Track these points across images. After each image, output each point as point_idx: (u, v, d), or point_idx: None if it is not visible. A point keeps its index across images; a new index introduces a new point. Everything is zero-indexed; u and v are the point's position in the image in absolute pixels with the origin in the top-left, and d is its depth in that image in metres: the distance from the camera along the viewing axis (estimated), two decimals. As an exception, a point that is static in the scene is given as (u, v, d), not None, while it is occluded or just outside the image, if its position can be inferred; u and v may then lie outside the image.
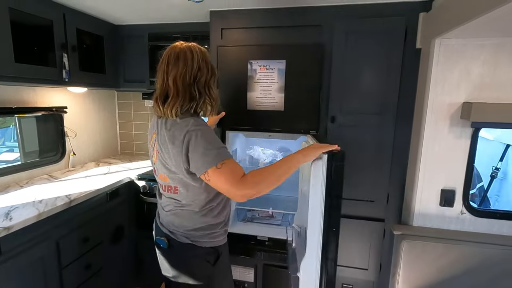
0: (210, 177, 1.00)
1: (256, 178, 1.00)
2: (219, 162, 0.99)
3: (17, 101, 1.86)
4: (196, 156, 1.00)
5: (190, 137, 1.01)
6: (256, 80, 1.77)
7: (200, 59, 1.08)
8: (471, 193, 1.97)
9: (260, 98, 1.78)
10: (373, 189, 1.75)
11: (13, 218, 1.34)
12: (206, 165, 1.00)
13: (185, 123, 1.04)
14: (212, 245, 1.18)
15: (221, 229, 1.22)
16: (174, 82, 1.05)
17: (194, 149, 1.00)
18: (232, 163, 1.02)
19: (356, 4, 1.62)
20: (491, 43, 1.37)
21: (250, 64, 1.76)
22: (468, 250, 1.46)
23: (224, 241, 1.26)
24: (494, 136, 3.28)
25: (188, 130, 1.01)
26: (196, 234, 1.16)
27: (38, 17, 1.65)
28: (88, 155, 2.47)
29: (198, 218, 1.15)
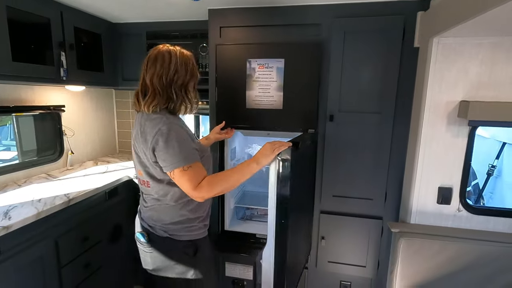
0: (175, 176, 1.09)
1: (211, 185, 1.10)
2: (187, 165, 1.07)
3: (15, 99, 1.85)
4: (165, 154, 1.07)
5: (161, 135, 1.06)
6: (254, 78, 1.77)
7: (178, 62, 1.13)
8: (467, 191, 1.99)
9: (259, 96, 1.79)
10: (371, 187, 1.77)
11: (12, 217, 1.33)
12: (174, 164, 1.06)
13: (159, 120, 1.09)
14: (190, 238, 1.22)
15: (199, 223, 1.25)
16: (151, 82, 1.12)
17: (164, 147, 1.06)
18: (197, 167, 1.10)
19: (355, 3, 1.62)
20: (489, 42, 1.38)
21: (248, 63, 1.76)
22: (464, 247, 1.48)
23: (204, 235, 1.28)
24: (490, 134, 3.31)
25: (160, 128, 1.07)
26: (174, 227, 1.20)
27: (36, 15, 1.63)
28: (86, 154, 2.46)
29: (175, 212, 1.19)
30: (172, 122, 1.09)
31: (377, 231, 1.81)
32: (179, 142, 1.07)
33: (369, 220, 1.81)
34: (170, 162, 1.07)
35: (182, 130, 1.11)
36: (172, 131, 1.07)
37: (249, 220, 2.16)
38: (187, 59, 1.17)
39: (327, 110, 1.74)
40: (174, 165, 1.07)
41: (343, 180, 1.80)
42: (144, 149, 1.11)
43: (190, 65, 1.17)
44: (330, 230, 1.87)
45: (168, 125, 1.07)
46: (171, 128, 1.07)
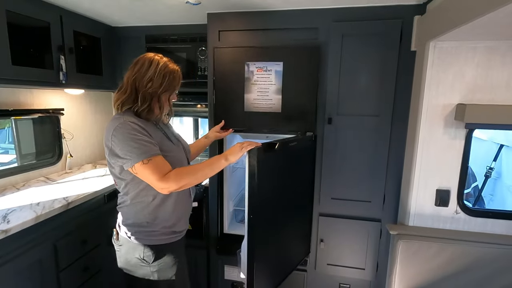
0: (137, 171, 1.10)
1: (179, 176, 1.12)
2: (146, 158, 1.08)
3: (14, 103, 1.85)
4: (122, 151, 1.09)
5: (116, 133, 1.09)
6: (253, 81, 1.78)
7: (156, 72, 1.16)
8: (466, 193, 2.00)
9: (258, 99, 1.79)
10: (370, 190, 1.77)
11: (10, 221, 1.33)
12: (132, 160, 1.08)
13: (116, 120, 1.12)
14: (148, 243, 1.21)
15: (163, 229, 1.22)
16: (127, 81, 1.17)
17: (120, 145, 1.09)
18: (159, 160, 1.11)
19: (352, 7, 1.64)
20: (484, 46, 1.40)
21: (247, 66, 1.77)
22: (463, 249, 1.49)
23: (168, 241, 1.25)
24: (488, 136, 3.33)
25: (115, 127, 1.09)
26: (134, 229, 1.21)
27: (35, 19, 1.64)
28: (85, 157, 2.46)
29: (134, 213, 1.20)
30: (127, 121, 1.10)
31: (376, 234, 1.81)
32: (134, 138, 1.09)
33: (367, 223, 1.81)
34: (128, 158, 1.08)
35: (138, 128, 1.11)
36: (125, 129, 1.09)
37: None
38: (168, 72, 1.18)
39: (325, 113, 1.75)
40: (133, 160, 1.08)
41: (342, 183, 1.80)
42: (105, 147, 1.14)
43: (169, 78, 1.18)
44: (329, 232, 1.87)
45: (122, 124, 1.09)
46: (125, 126, 1.09)
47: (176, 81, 1.22)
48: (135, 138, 1.09)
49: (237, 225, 2.14)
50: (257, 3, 1.65)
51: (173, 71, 1.20)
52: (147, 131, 1.13)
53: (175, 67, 1.22)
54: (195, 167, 1.18)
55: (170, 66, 1.20)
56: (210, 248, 2.05)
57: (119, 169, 1.15)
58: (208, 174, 1.20)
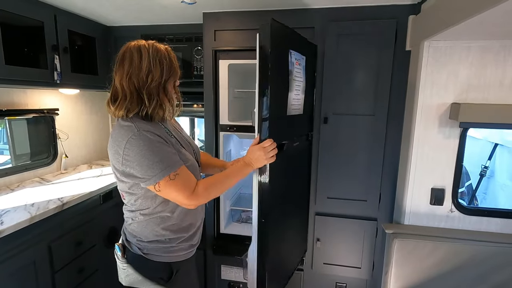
0: (161, 188, 0.96)
1: (208, 189, 1.02)
2: (173, 173, 0.95)
3: (8, 103, 1.84)
4: (141, 167, 0.93)
5: (131, 146, 0.93)
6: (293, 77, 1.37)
7: (151, 60, 0.97)
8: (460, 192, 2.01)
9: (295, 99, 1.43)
10: (366, 189, 1.78)
11: (4, 222, 1.32)
12: (156, 176, 0.94)
13: (128, 129, 0.95)
14: (166, 260, 1.09)
15: (180, 243, 1.11)
16: (121, 84, 0.98)
17: (138, 160, 0.93)
18: (185, 173, 0.99)
19: (348, 6, 1.65)
20: (478, 46, 1.41)
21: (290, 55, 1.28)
22: (457, 247, 1.50)
23: (185, 257, 1.14)
24: (483, 135, 3.36)
25: (129, 139, 0.93)
26: (149, 246, 1.07)
27: (29, 19, 1.63)
28: (81, 157, 2.44)
29: (151, 229, 1.06)
30: (142, 130, 0.95)
31: (372, 233, 1.82)
32: (154, 150, 0.94)
33: (363, 222, 1.82)
34: (150, 175, 0.93)
35: (156, 137, 0.96)
36: (142, 140, 0.93)
37: (245, 222, 2.16)
38: (162, 55, 1.00)
39: (321, 113, 1.75)
40: (157, 177, 0.93)
41: (338, 182, 1.81)
42: (114, 161, 0.98)
43: (166, 62, 1.00)
44: (325, 232, 1.88)
45: (137, 135, 0.93)
46: (141, 137, 0.93)
47: (174, 62, 1.05)
48: (155, 150, 0.94)
49: (234, 225, 2.14)
50: (252, 2, 1.65)
51: (167, 52, 1.03)
52: (164, 139, 0.99)
53: (164, 46, 1.04)
54: (222, 178, 1.08)
55: (160, 47, 1.02)
56: (207, 248, 2.05)
57: (130, 184, 1.01)
58: (233, 184, 1.11)
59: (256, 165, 1.12)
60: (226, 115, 1.88)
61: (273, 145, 1.13)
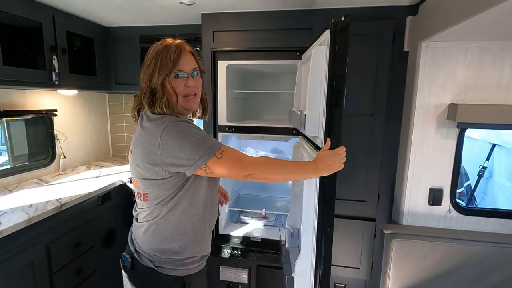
0: (212, 168, 0.93)
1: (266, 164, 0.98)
2: (218, 151, 0.92)
3: (6, 104, 1.83)
4: (183, 152, 0.90)
5: (168, 133, 0.90)
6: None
7: (152, 56, 0.97)
8: (459, 192, 2.01)
9: None
10: (364, 189, 1.78)
11: (2, 223, 1.32)
12: (204, 157, 0.90)
13: (164, 119, 0.94)
14: (178, 274, 1.03)
15: (196, 254, 1.06)
16: (144, 82, 1.00)
17: (179, 145, 0.90)
18: (229, 148, 0.96)
19: (346, 7, 1.65)
20: (475, 47, 1.42)
21: None
22: (456, 247, 1.50)
23: (198, 269, 1.09)
24: (481, 135, 3.37)
25: (165, 128, 0.91)
26: (162, 259, 1.01)
27: (27, 19, 1.63)
28: (79, 158, 2.44)
29: (169, 238, 1.01)
30: (177, 120, 0.95)
31: (371, 233, 1.82)
32: (193, 133, 0.92)
33: (362, 222, 1.82)
34: (196, 157, 0.90)
35: (191, 124, 0.95)
36: (179, 126, 0.92)
37: (244, 223, 2.16)
38: (157, 51, 0.97)
39: (319, 113, 1.75)
40: (203, 158, 0.90)
41: (336, 183, 1.81)
42: (147, 156, 0.93)
43: (160, 58, 0.96)
44: (324, 232, 1.87)
45: (171, 124, 0.92)
46: (176, 124, 0.92)
47: (170, 54, 0.95)
48: (195, 133, 0.92)
49: (233, 225, 2.14)
50: (251, 3, 1.65)
51: (163, 48, 0.97)
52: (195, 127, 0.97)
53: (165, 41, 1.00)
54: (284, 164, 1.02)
55: (160, 44, 0.99)
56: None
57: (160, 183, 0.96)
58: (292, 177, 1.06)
59: (326, 172, 1.04)
60: (225, 115, 1.88)
61: (345, 153, 1.07)
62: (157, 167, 0.93)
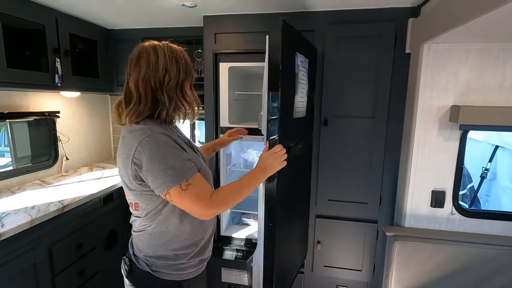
0: (173, 198, 0.90)
1: (226, 198, 0.97)
2: (183, 182, 0.88)
3: (9, 106, 1.84)
4: (152, 172, 0.88)
5: (144, 149, 0.87)
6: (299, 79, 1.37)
7: (168, 60, 0.93)
8: (462, 194, 2.00)
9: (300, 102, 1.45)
10: (366, 191, 1.78)
11: (4, 225, 1.32)
12: (166, 184, 0.88)
13: (140, 132, 0.90)
14: (175, 278, 1.02)
15: (190, 259, 1.04)
16: (136, 87, 0.92)
17: (150, 164, 0.87)
18: (198, 182, 0.92)
19: (347, 9, 1.65)
20: (477, 48, 1.41)
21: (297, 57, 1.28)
22: (458, 249, 1.49)
23: (196, 273, 1.08)
24: (483, 137, 3.35)
25: (141, 141, 0.88)
26: (158, 263, 1.01)
27: (30, 22, 1.64)
28: (81, 160, 2.45)
29: (161, 244, 1.00)
30: (156, 132, 0.90)
31: (373, 235, 1.82)
32: (165, 155, 0.88)
33: (364, 224, 1.82)
34: (161, 182, 0.87)
35: (170, 140, 0.91)
36: (155, 143, 0.88)
37: (246, 225, 2.16)
38: (178, 55, 0.97)
39: (321, 115, 1.75)
40: (167, 184, 0.87)
41: (338, 185, 1.81)
42: (124, 168, 0.93)
43: (182, 61, 0.97)
44: (325, 234, 1.87)
45: (151, 137, 0.88)
46: (155, 139, 0.88)
47: (189, 63, 1.00)
48: (167, 155, 0.88)
49: (235, 227, 2.14)
50: (252, 6, 1.66)
51: (181, 51, 0.99)
52: (178, 143, 0.94)
53: (178, 47, 1.00)
54: (237, 186, 1.01)
55: (175, 47, 0.98)
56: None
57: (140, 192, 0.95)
58: (249, 193, 1.04)
59: (270, 172, 1.07)
60: (227, 117, 1.89)
61: (283, 150, 1.10)
62: (136, 179, 0.92)
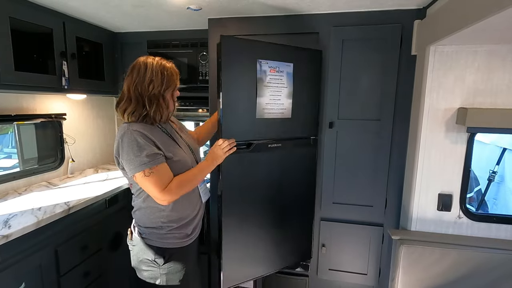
0: (138, 182, 1.15)
1: (179, 186, 1.17)
2: (147, 169, 1.11)
3: (17, 108, 1.87)
4: (125, 160, 1.13)
5: (121, 141, 1.13)
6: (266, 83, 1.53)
7: (154, 73, 1.18)
8: (469, 197, 1.97)
9: (270, 104, 1.56)
10: (372, 194, 1.76)
11: (11, 226, 1.33)
12: (133, 170, 1.12)
13: (122, 128, 1.15)
14: (161, 246, 1.23)
15: (172, 230, 1.24)
16: (128, 90, 1.18)
17: (124, 153, 1.12)
18: (161, 171, 1.13)
19: (352, 12, 1.65)
20: (484, 50, 1.40)
21: (259, 64, 1.47)
22: (466, 254, 1.47)
23: (179, 245, 1.27)
24: (491, 139, 3.31)
25: (121, 135, 1.13)
26: (147, 231, 1.24)
27: (38, 26, 1.66)
28: (87, 162, 2.47)
29: (148, 216, 1.23)
30: (131, 129, 1.13)
31: (378, 238, 1.80)
32: (135, 148, 1.11)
33: (369, 227, 1.80)
34: (129, 168, 1.12)
35: (140, 136, 1.13)
36: (129, 138, 1.12)
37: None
38: (163, 69, 1.20)
39: (326, 117, 1.74)
40: (134, 170, 1.11)
41: (343, 187, 1.80)
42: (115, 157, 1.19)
43: (167, 75, 1.20)
44: (330, 237, 1.86)
45: (127, 132, 1.12)
46: (129, 134, 1.12)
47: (174, 76, 1.24)
48: (137, 147, 1.11)
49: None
50: (257, 9, 1.66)
51: (168, 67, 1.23)
52: (151, 139, 1.15)
53: (168, 63, 1.24)
54: (191, 175, 1.23)
55: (164, 63, 1.22)
56: (212, 252, 2.04)
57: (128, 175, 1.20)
58: (201, 180, 1.29)
59: (217, 161, 1.32)
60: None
61: (226, 143, 1.34)
62: (120, 165, 1.19)
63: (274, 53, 1.53)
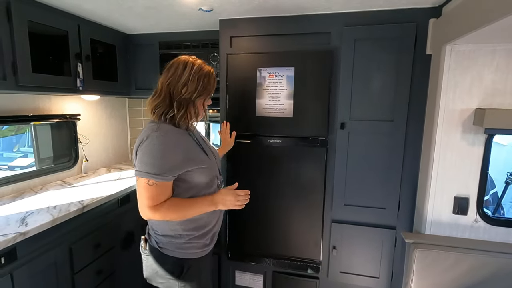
0: (137, 184, 1.08)
1: (168, 211, 1.08)
2: (152, 180, 1.04)
3: (34, 109, 1.92)
4: (140, 158, 1.05)
5: (147, 139, 1.05)
6: (264, 87, 1.79)
7: (191, 76, 1.10)
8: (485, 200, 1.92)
9: (269, 104, 1.80)
10: (384, 196, 1.73)
11: (28, 224, 1.37)
12: (141, 173, 1.04)
13: (152, 126, 1.08)
14: (178, 256, 1.15)
15: (191, 240, 1.16)
16: (161, 85, 1.13)
17: (143, 151, 1.04)
18: (163, 188, 1.06)
19: (365, 11, 1.62)
20: (504, 49, 1.35)
21: (259, 72, 1.78)
22: (483, 259, 1.42)
23: (198, 255, 1.19)
24: (508, 141, 3.21)
25: (149, 134, 1.06)
26: (164, 241, 1.16)
27: (54, 28, 1.70)
28: (100, 161, 2.52)
29: (165, 224, 1.14)
30: (159, 133, 1.05)
31: (391, 241, 1.76)
32: (156, 153, 1.03)
33: (382, 230, 1.77)
34: (139, 167, 1.05)
35: (171, 143, 1.06)
36: (157, 140, 1.04)
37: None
38: (202, 75, 1.12)
39: (338, 118, 1.72)
40: (141, 172, 1.04)
41: (355, 189, 1.77)
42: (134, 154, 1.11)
43: (203, 82, 1.12)
44: (341, 239, 1.83)
45: (156, 133, 1.05)
46: (154, 138, 1.04)
47: (211, 85, 1.16)
48: (158, 153, 1.04)
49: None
50: (269, 9, 1.65)
51: (208, 74, 1.14)
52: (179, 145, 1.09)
53: (210, 69, 1.16)
54: (186, 205, 1.12)
55: (205, 69, 1.14)
56: (221, 253, 2.05)
57: None
58: (193, 215, 1.14)
59: (221, 206, 1.17)
60: (241, 120, 1.91)
61: (246, 195, 1.19)
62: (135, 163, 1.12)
63: (274, 60, 1.75)
